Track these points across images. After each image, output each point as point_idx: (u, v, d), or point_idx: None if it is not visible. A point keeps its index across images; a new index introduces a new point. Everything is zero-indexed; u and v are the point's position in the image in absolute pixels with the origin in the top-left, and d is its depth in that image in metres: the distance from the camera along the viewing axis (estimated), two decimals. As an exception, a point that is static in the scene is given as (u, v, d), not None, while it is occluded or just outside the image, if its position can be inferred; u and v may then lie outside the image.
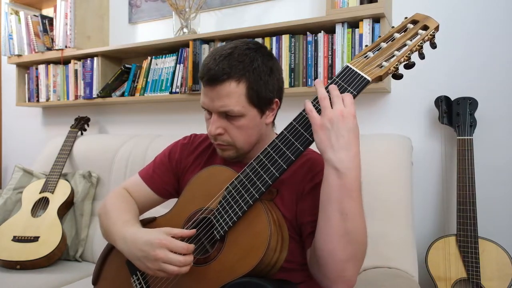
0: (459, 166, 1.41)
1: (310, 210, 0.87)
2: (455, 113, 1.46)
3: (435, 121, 1.57)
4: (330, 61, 1.61)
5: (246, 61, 0.88)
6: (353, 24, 1.58)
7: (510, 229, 1.48)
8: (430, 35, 0.80)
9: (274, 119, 1.01)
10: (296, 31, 1.69)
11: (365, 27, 1.54)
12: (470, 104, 1.46)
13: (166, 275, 0.81)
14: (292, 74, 1.68)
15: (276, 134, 1.04)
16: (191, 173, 1.05)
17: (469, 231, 1.37)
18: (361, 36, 1.55)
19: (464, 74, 1.54)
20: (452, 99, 1.49)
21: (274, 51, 1.72)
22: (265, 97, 0.91)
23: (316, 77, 1.63)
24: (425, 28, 0.81)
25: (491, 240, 1.36)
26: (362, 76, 0.78)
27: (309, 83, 1.64)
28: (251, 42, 0.94)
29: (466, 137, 1.43)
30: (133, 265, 0.91)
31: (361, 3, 1.56)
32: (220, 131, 0.92)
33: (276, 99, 0.96)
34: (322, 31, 1.63)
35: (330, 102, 0.76)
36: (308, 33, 1.66)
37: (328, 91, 0.78)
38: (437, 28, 0.80)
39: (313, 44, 1.64)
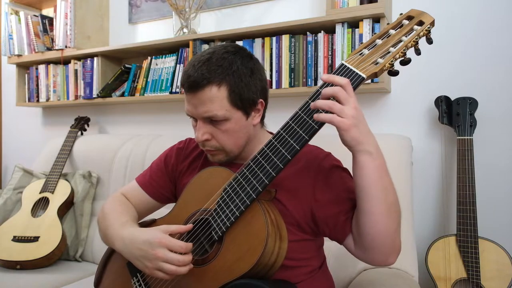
0: (459, 166, 1.41)
1: (337, 201, 0.88)
2: (455, 113, 1.46)
3: (435, 121, 1.57)
4: (330, 61, 1.61)
5: (225, 65, 0.88)
6: (353, 24, 1.58)
7: (510, 229, 1.48)
8: (426, 30, 0.79)
9: (262, 119, 1.01)
10: (296, 31, 1.69)
11: (365, 27, 1.54)
12: (470, 104, 1.46)
13: (164, 275, 0.81)
14: (292, 74, 1.68)
15: (271, 133, 1.04)
16: (188, 177, 1.05)
17: (469, 231, 1.37)
18: (361, 36, 1.55)
19: (464, 74, 1.54)
20: (452, 99, 1.49)
21: (274, 51, 1.72)
22: (248, 98, 0.91)
23: (316, 77, 1.63)
24: (421, 23, 0.80)
25: (491, 240, 1.36)
26: (357, 73, 0.78)
27: (309, 83, 1.64)
28: (230, 45, 0.94)
29: (466, 137, 1.43)
30: (133, 267, 0.91)
31: (361, 3, 1.56)
32: (207, 136, 0.92)
33: (261, 100, 0.95)
34: (322, 31, 1.63)
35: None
36: (308, 33, 1.66)
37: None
38: (432, 23, 0.79)
39: (313, 44, 1.64)
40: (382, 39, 0.82)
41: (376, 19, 1.54)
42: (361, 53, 0.81)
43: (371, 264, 0.89)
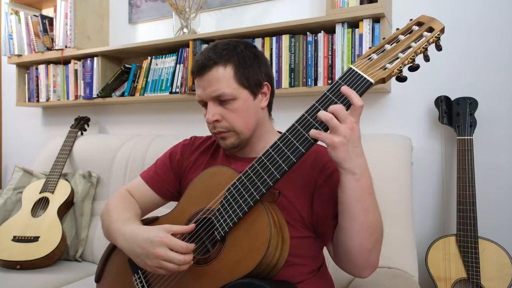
0: (459, 166, 1.41)
1: (329, 203, 0.90)
2: (455, 113, 1.46)
3: (435, 121, 1.57)
4: (330, 61, 1.61)
5: (230, 48, 0.95)
6: (353, 24, 1.58)
7: (510, 229, 1.48)
8: (435, 37, 0.79)
9: (270, 106, 1.04)
10: (296, 31, 1.69)
11: (365, 27, 1.54)
12: (470, 104, 1.46)
13: (165, 273, 0.82)
14: (292, 74, 1.68)
15: (278, 132, 1.05)
16: (193, 174, 1.06)
17: (469, 231, 1.37)
18: (361, 36, 1.55)
19: (464, 74, 1.54)
20: (452, 99, 1.49)
21: (274, 51, 1.72)
22: (253, 78, 0.96)
23: (316, 77, 1.63)
24: (430, 30, 0.81)
25: (491, 240, 1.36)
26: (365, 78, 0.78)
27: (309, 83, 1.64)
28: (234, 38, 1.03)
29: (466, 137, 1.43)
30: (135, 264, 0.92)
31: (361, 3, 1.56)
32: (217, 117, 0.94)
33: (266, 83, 0.99)
34: (322, 31, 1.63)
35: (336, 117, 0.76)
36: (308, 33, 1.66)
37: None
38: (442, 30, 0.80)
39: (313, 44, 1.64)
40: (391, 45, 0.82)
41: (376, 19, 1.54)
42: (370, 57, 0.82)
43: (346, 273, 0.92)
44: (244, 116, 0.95)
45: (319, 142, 0.80)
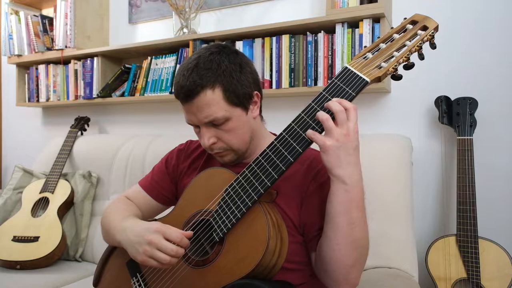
0: (459, 166, 1.41)
1: (315, 213, 0.88)
2: (455, 113, 1.46)
3: (435, 121, 1.57)
4: (330, 61, 1.61)
5: (214, 67, 0.89)
6: (353, 24, 1.58)
7: (510, 229, 1.48)
8: (430, 35, 0.80)
9: (260, 111, 1.02)
10: (296, 31, 1.69)
11: (365, 27, 1.54)
12: (470, 104, 1.46)
13: (156, 264, 0.81)
14: (292, 74, 1.68)
15: (274, 134, 1.04)
16: (188, 177, 1.06)
17: (469, 231, 1.37)
18: (361, 36, 1.55)
19: (464, 74, 1.54)
20: (452, 99, 1.49)
21: (274, 51, 1.72)
22: (243, 93, 0.92)
23: (316, 77, 1.63)
24: (425, 28, 0.81)
25: (491, 240, 1.36)
26: (361, 77, 0.78)
27: (309, 83, 1.64)
28: (213, 45, 0.95)
29: (466, 137, 1.43)
30: (133, 267, 0.92)
31: (361, 3, 1.56)
32: (213, 140, 0.93)
33: (256, 92, 0.96)
34: (322, 31, 1.63)
35: (333, 118, 0.75)
36: (308, 33, 1.66)
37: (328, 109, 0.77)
38: (436, 29, 0.80)
39: (313, 44, 1.64)
40: (386, 43, 0.82)
41: (376, 19, 1.54)
42: (365, 56, 0.82)
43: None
44: (240, 133, 0.93)
45: (314, 145, 0.79)
